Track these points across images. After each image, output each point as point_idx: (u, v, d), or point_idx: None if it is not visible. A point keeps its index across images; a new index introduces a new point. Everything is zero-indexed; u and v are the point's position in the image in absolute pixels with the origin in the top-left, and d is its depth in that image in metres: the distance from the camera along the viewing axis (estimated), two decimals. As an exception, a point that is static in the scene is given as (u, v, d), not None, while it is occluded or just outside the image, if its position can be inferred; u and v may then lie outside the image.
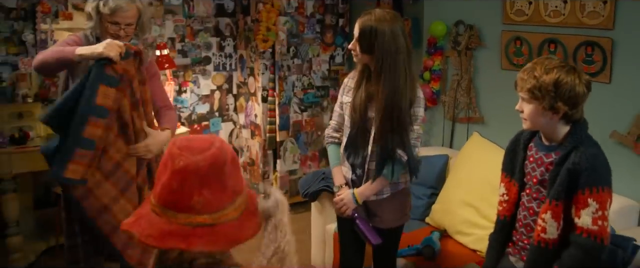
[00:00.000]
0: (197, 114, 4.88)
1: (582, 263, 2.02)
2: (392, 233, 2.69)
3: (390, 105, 2.41)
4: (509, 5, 3.35)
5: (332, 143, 2.71)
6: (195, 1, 4.69)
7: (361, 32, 2.42)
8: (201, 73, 4.84)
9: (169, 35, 4.62)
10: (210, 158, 1.25)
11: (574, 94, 2.04)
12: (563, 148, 2.09)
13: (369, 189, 2.55)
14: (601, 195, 2.00)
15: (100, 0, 2.57)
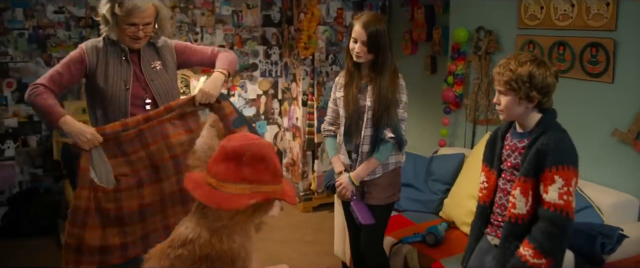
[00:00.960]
0: (244, 117, 5.25)
1: (549, 234, 2.16)
2: (383, 210, 2.96)
3: (385, 93, 2.77)
4: (523, 10, 3.50)
5: (329, 136, 3.04)
6: (244, 12, 5.10)
7: (369, 35, 2.73)
8: (248, 79, 5.22)
9: (219, 43, 5.04)
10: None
11: (546, 84, 2.22)
12: (534, 133, 2.26)
13: (362, 170, 2.87)
14: (566, 172, 2.15)
15: (115, 2, 2.47)
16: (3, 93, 4.40)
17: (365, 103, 2.82)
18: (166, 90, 2.68)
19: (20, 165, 4.55)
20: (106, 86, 2.56)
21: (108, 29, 2.54)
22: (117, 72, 2.58)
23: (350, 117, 2.86)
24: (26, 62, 4.43)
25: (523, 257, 2.18)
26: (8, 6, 4.31)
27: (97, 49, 2.57)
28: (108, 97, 2.56)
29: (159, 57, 2.70)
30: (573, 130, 3.22)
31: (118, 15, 2.47)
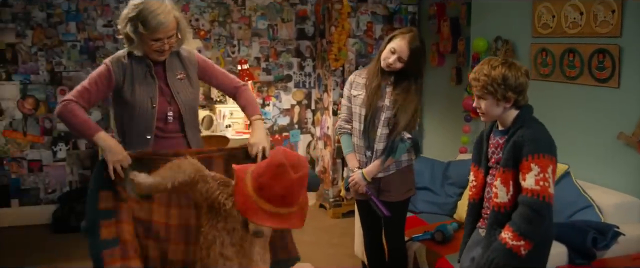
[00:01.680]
0: (278, 126, 5.51)
1: (527, 217, 2.28)
2: (401, 206, 3.10)
3: (405, 96, 2.93)
4: (537, 19, 3.62)
5: (345, 133, 3.17)
6: (279, 26, 5.38)
7: (411, 54, 2.89)
8: (283, 89, 5.48)
9: (255, 55, 5.34)
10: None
11: (519, 83, 2.38)
12: (512, 129, 2.41)
13: (375, 167, 3.00)
14: (542, 160, 2.27)
15: (137, 21, 2.46)
16: (56, 99, 4.82)
17: (383, 103, 2.97)
18: (190, 102, 2.70)
19: (70, 166, 4.94)
20: (134, 102, 2.56)
21: (133, 47, 2.54)
22: (143, 89, 2.58)
23: (368, 115, 3.00)
24: (78, 72, 4.84)
25: (503, 240, 2.31)
26: (62, 20, 4.74)
27: (123, 65, 2.56)
28: (135, 114, 2.57)
29: (183, 67, 2.70)
30: (580, 134, 3.33)
31: (142, 34, 2.46)
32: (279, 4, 5.35)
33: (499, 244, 2.32)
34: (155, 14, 2.42)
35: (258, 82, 5.36)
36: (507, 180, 2.37)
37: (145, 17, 2.42)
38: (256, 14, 5.30)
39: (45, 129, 4.84)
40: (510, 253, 2.28)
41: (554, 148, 2.35)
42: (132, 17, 2.46)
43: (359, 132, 3.06)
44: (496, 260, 2.31)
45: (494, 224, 2.43)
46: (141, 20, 2.43)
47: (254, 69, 5.31)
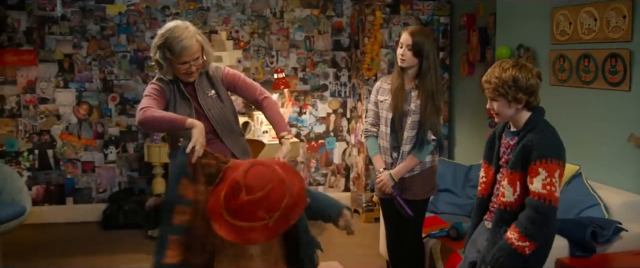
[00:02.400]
0: (314, 133, 5.75)
1: (533, 220, 2.41)
2: (422, 204, 3.27)
3: (430, 99, 3.09)
4: (555, 26, 3.73)
5: (371, 136, 3.36)
6: (316, 37, 5.64)
7: (414, 41, 3.10)
8: (319, 98, 5.73)
9: (292, 65, 5.61)
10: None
11: (530, 84, 2.50)
12: (523, 131, 2.54)
13: (402, 168, 3.17)
14: (549, 165, 2.40)
15: (165, 48, 2.71)
16: (108, 105, 5.22)
17: (409, 107, 3.15)
18: (222, 118, 2.89)
19: (119, 168, 5.33)
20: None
21: (163, 72, 2.78)
22: (182, 108, 2.80)
23: (395, 119, 3.18)
24: (127, 80, 5.23)
25: (509, 240, 2.44)
26: (114, 32, 5.16)
27: (167, 85, 2.80)
28: (180, 132, 2.71)
29: (212, 85, 2.90)
30: (592, 136, 3.41)
31: (170, 59, 2.71)
32: (315, 17, 5.62)
33: (504, 243, 2.45)
34: (180, 40, 2.66)
35: (295, 91, 5.62)
36: (514, 181, 2.50)
37: (170, 43, 2.67)
38: (294, 26, 5.58)
39: (98, 132, 5.25)
40: (515, 253, 2.41)
41: (563, 152, 2.46)
42: (160, 44, 2.72)
43: (386, 135, 3.23)
44: (501, 259, 2.43)
45: (499, 221, 2.57)
46: (168, 47, 2.68)
47: (292, 79, 5.58)
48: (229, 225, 1.91)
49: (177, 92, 2.83)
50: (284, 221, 1.94)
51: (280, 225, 1.92)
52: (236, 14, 5.43)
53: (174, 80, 2.82)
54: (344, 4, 5.66)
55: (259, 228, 1.90)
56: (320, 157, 5.79)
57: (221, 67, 2.99)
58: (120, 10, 5.16)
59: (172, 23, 2.77)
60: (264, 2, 5.49)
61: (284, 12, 5.55)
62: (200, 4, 5.33)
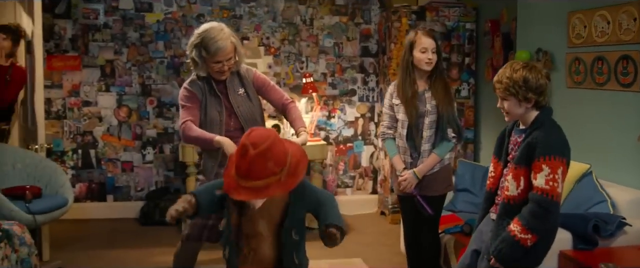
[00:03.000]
0: (343, 137, 5.92)
1: (535, 213, 2.53)
2: (439, 200, 3.42)
3: (445, 97, 3.27)
4: (571, 30, 3.81)
5: (389, 138, 3.50)
6: (344, 44, 5.83)
7: (437, 44, 3.30)
8: (347, 102, 5.90)
9: (321, 70, 5.81)
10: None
11: (539, 84, 2.62)
12: (530, 129, 2.66)
13: (426, 166, 3.31)
14: (553, 162, 2.52)
15: (201, 47, 2.93)
16: (146, 108, 5.52)
17: (425, 108, 3.30)
18: (251, 116, 3.10)
19: (156, 167, 5.61)
20: (207, 115, 3.04)
21: (198, 69, 3.02)
22: (212, 104, 3.04)
23: (412, 121, 3.32)
24: (164, 84, 5.52)
25: (512, 232, 2.56)
26: (153, 39, 5.47)
27: (198, 85, 3.05)
28: (208, 124, 3.03)
29: (242, 84, 3.13)
30: (604, 136, 3.48)
31: (205, 57, 2.94)
32: (344, 24, 5.81)
33: (507, 235, 2.57)
34: (215, 40, 2.88)
35: (324, 95, 5.81)
36: (518, 176, 2.62)
37: (206, 43, 2.90)
38: (323, 33, 5.78)
39: (137, 134, 5.56)
40: (517, 245, 2.53)
41: (567, 150, 2.57)
42: (196, 43, 2.94)
43: (404, 136, 3.37)
44: (504, 250, 2.56)
45: (503, 215, 2.69)
46: (203, 46, 2.91)
47: (321, 84, 5.77)
48: (246, 188, 2.07)
49: (208, 90, 3.03)
50: (293, 176, 2.12)
51: (291, 179, 2.11)
52: (267, 21, 5.67)
53: (207, 78, 3.03)
54: (372, 11, 5.83)
55: (273, 183, 2.07)
56: (349, 160, 5.96)
57: (252, 69, 3.21)
58: (158, 18, 5.46)
59: (208, 24, 3.00)
60: (294, 9, 5.71)
61: (313, 20, 5.76)
62: (234, 12, 5.59)
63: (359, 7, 5.81)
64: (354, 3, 5.80)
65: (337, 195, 5.92)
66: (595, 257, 2.65)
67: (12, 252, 2.94)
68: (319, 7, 5.75)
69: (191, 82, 3.07)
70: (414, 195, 3.32)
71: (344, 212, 5.67)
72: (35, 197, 3.69)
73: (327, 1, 5.76)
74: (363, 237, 5.11)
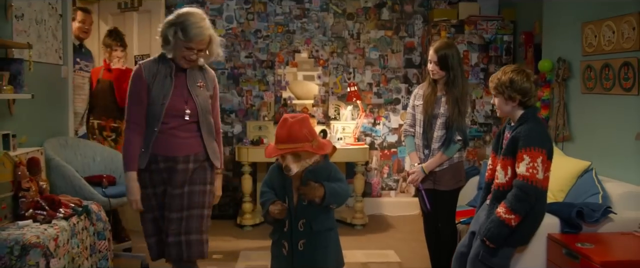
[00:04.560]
0: (387, 142, 6.36)
1: (518, 197, 2.93)
2: (452, 194, 3.79)
3: (457, 103, 3.63)
4: (585, 39, 4.12)
5: (409, 135, 3.95)
6: (389, 56, 6.29)
7: (439, 57, 3.68)
8: (392, 111, 6.34)
9: (367, 81, 6.29)
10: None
11: (523, 87, 3.03)
12: (516, 125, 3.06)
13: (432, 163, 3.73)
14: (532, 152, 2.91)
15: (178, 27, 2.81)
16: (209, 114, 6.18)
17: (439, 111, 3.72)
18: (206, 109, 3.01)
19: (217, 167, 6.25)
20: (150, 98, 2.91)
21: (167, 48, 2.89)
22: (159, 87, 2.91)
23: (426, 120, 3.75)
24: (225, 93, 6.17)
25: (498, 213, 2.97)
26: (215, 52, 6.14)
27: (151, 67, 2.94)
28: (148, 108, 2.92)
29: (204, 79, 3.05)
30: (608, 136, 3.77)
31: (180, 40, 2.82)
32: (389, 37, 6.28)
33: (495, 216, 2.98)
34: (196, 26, 2.81)
35: (370, 104, 6.29)
36: (505, 166, 3.03)
37: (186, 26, 2.80)
38: (369, 46, 6.27)
39: (200, 137, 6.22)
40: (503, 224, 2.93)
41: (547, 142, 2.96)
42: (174, 22, 2.85)
43: (420, 134, 3.82)
44: (492, 229, 2.97)
45: (494, 200, 3.10)
46: (182, 28, 2.80)
47: (367, 93, 6.25)
48: (285, 149, 2.57)
49: (163, 72, 2.91)
50: (322, 148, 2.62)
51: (320, 148, 2.61)
52: (318, 35, 6.22)
53: (168, 62, 2.92)
54: (415, 25, 6.27)
55: (307, 145, 2.56)
56: (393, 164, 6.38)
57: (214, 74, 3.18)
58: (220, 33, 6.14)
59: (191, 9, 2.90)
60: (343, 25, 6.24)
61: (360, 34, 6.26)
62: (287, 27, 6.19)
63: (404, 22, 6.26)
64: (398, 18, 6.27)
65: (381, 197, 6.37)
66: (578, 240, 2.98)
67: (90, 225, 3.58)
68: (366, 22, 6.25)
69: (148, 62, 2.98)
70: (419, 189, 3.73)
71: (387, 213, 6.18)
72: (111, 184, 4.36)
73: (374, 17, 6.25)
74: (400, 234, 5.52)
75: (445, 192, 3.74)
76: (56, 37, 4.39)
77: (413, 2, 6.26)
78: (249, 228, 5.57)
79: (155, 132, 2.93)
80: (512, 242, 2.99)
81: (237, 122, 6.17)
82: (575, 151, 4.14)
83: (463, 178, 3.82)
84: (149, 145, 2.95)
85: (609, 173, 3.69)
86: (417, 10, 6.26)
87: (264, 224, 5.49)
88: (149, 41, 5.41)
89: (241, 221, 5.63)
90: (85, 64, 5.01)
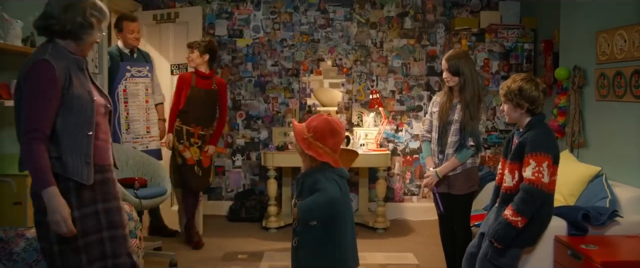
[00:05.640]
0: (409, 149, 6.50)
1: (524, 200, 3.06)
2: (465, 198, 3.91)
3: (469, 109, 3.77)
4: (599, 48, 4.21)
5: (426, 141, 4.10)
6: (412, 64, 6.44)
7: (449, 65, 3.84)
8: (414, 118, 6.48)
9: (390, 88, 6.45)
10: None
11: (531, 95, 3.17)
12: (523, 131, 3.20)
13: (446, 167, 3.88)
14: (538, 157, 3.04)
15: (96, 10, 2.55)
16: (237, 121, 6.43)
17: (453, 117, 3.87)
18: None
19: (244, 172, 6.49)
20: (72, 95, 2.45)
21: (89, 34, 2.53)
22: (80, 81, 2.51)
23: (441, 127, 3.90)
24: (252, 100, 6.40)
25: (505, 215, 3.11)
26: (243, 61, 6.39)
27: (62, 59, 2.47)
28: (74, 108, 2.45)
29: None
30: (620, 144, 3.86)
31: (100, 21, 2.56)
32: (411, 46, 6.43)
33: (502, 218, 3.12)
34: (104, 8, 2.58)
35: (392, 111, 6.44)
36: (513, 170, 3.17)
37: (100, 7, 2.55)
38: (392, 54, 6.43)
39: (228, 142, 6.47)
40: (510, 226, 3.07)
41: (553, 148, 3.08)
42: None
43: (436, 140, 3.97)
44: (499, 231, 3.11)
45: (502, 203, 3.24)
46: (99, 9, 2.54)
47: (389, 100, 6.41)
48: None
49: (74, 64, 2.53)
50: (313, 151, 2.65)
51: (308, 150, 2.66)
52: (342, 44, 6.41)
53: (69, 52, 2.53)
54: (437, 33, 6.41)
55: (299, 138, 2.68)
56: (415, 170, 6.51)
57: None
58: (247, 43, 6.39)
59: None
60: (366, 34, 6.42)
61: (383, 42, 6.43)
62: (312, 36, 6.40)
63: (426, 31, 6.41)
64: (420, 27, 6.41)
65: (404, 202, 6.50)
66: (583, 242, 3.09)
67: (121, 224, 3.82)
68: (389, 31, 6.42)
69: (54, 57, 2.47)
70: (434, 192, 3.88)
71: (409, 217, 6.33)
72: (142, 186, 4.61)
73: (396, 26, 6.41)
74: (420, 238, 5.65)
75: (459, 196, 3.87)
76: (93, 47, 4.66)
77: (435, 11, 6.40)
78: (274, 230, 5.76)
79: (90, 137, 2.50)
80: (519, 243, 3.12)
81: (263, 128, 6.40)
82: (589, 157, 4.24)
83: (476, 183, 3.94)
84: (90, 154, 2.51)
85: (621, 178, 3.78)
86: (439, 19, 6.40)
87: (288, 227, 5.69)
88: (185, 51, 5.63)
89: (266, 224, 5.83)
90: (137, 69, 5.12)
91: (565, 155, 4.28)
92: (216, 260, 4.83)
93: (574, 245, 3.04)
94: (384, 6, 6.39)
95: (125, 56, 5.09)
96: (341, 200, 2.68)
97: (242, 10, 6.38)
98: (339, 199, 2.66)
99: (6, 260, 3.13)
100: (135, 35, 5.10)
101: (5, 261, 3.12)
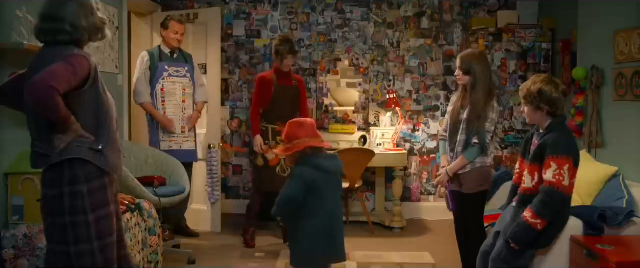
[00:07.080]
0: (426, 148, 6.50)
1: (544, 202, 3.07)
2: (474, 197, 3.90)
3: (476, 107, 3.78)
4: (616, 48, 4.19)
5: (443, 139, 4.13)
6: (428, 64, 6.44)
7: (462, 63, 3.86)
8: (431, 117, 6.49)
9: (407, 88, 6.46)
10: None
11: (552, 98, 3.17)
12: (544, 133, 3.20)
13: (455, 166, 3.89)
14: (559, 160, 3.05)
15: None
16: (254, 120, 6.48)
17: (464, 116, 3.88)
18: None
19: (261, 171, 6.53)
20: (106, 95, 2.60)
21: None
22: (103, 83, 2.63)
23: (452, 125, 3.93)
24: (269, 99, 6.45)
25: (524, 217, 3.11)
26: (260, 61, 6.45)
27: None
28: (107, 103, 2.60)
29: None
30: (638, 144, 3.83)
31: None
32: (428, 46, 6.43)
33: (521, 220, 3.12)
34: None
35: (409, 110, 6.45)
36: (532, 171, 3.17)
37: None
38: (409, 54, 6.44)
39: (245, 142, 6.53)
40: (529, 228, 3.08)
41: (573, 150, 3.08)
42: None
43: (448, 138, 4.00)
44: (518, 233, 3.12)
45: (520, 203, 3.24)
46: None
47: (406, 100, 6.42)
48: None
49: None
50: (285, 150, 3.09)
51: (289, 150, 3.07)
52: (359, 44, 6.44)
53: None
54: (454, 33, 6.41)
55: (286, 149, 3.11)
56: (431, 169, 6.52)
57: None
58: (265, 43, 6.44)
59: None
60: (383, 34, 6.44)
61: (400, 42, 6.44)
62: (329, 36, 6.43)
63: (443, 31, 6.41)
64: (438, 27, 6.41)
65: (420, 202, 6.51)
66: (600, 241, 3.09)
67: (142, 221, 3.89)
68: (406, 31, 6.43)
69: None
70: (447, 189, 3.90)
71: (426, 217, 6.34)
72: (161, 184, 4.68)
73: (413, 26, 6.42)
74: (437, 237, 5.66)
75: (470, 195, 3.88)
76: (113, 48, 4.76)
77: (452, 11, 6.40)
78: (291, 229, 5.81)
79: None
80: (535, 245, 3.12)
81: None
82: (606, 157, 4.22)
83: (485, 183, 3.91)
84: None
85: (638, 179, 3.77)
86: (456, 18, 6.40)
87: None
88: (204, 51, 5.71)
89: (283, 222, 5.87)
90: (175, 69, 5.19)
91: (582, 155, 4.25)
92: (234, 258, 4.89)
93: (590, 245, 3.04)
94: (401, 6, 6.41)
95: (165, 56, 5.17)
96: (300, 197, 3.01)
97: (260, 10, 6.43)
98: (298, 196, 3.01)
99: (30, 256, 3.21)
100: (179, 37, 5.19)
101: (29, 257, 3.21)
